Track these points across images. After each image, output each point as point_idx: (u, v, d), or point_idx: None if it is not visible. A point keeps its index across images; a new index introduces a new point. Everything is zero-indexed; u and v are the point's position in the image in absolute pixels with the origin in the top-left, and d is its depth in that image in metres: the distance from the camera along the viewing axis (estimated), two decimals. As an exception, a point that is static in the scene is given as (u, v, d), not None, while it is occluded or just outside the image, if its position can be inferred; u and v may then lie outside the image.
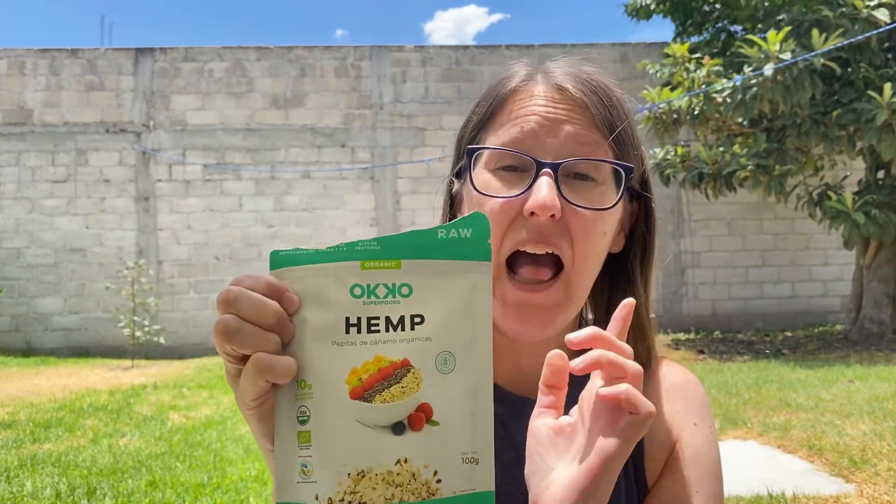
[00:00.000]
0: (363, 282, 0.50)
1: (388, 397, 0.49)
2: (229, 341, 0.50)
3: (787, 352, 8.34)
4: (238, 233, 10.86)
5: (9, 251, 10.59)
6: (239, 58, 11.10)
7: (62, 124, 10.81)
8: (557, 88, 0.72)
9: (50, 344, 10.53)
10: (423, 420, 0.50)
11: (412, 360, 0.50)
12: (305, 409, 0.49)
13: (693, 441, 0.79)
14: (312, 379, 0.49)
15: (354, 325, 0.49)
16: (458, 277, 0.52)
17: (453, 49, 11.46)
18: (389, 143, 11.12)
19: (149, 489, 3.72)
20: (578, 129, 0.70)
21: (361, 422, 0.49)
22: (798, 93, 7.38)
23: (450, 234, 0.52)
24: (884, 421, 4.32)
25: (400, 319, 0.50)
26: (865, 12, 7.51)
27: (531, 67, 0.77)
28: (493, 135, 0.73)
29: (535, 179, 0.68)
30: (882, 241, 8.23)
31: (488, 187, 0.71)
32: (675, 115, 8.36)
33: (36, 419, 5.43)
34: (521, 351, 0.79)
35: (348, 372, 0.49)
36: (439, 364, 0.51)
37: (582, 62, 0.78)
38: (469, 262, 0.52)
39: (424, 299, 0.51)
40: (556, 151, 0.69)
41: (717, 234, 11.31)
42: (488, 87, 0.78)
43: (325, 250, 0.51)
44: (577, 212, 0.69)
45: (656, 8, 10.57)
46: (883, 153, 7.28)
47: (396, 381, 0.49)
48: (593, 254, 0.72)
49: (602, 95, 0.73)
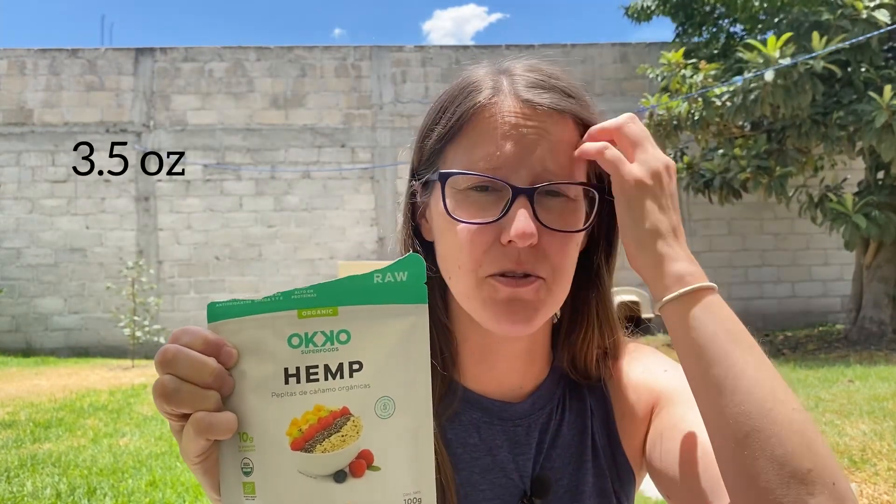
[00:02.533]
0: (301, 330, 0.50)
1: (328, 447, 0.49)
2: (168, 402, 0.50)
3: (787, 352, 8.34)
4: (238, 233, 10.87)
5: (9, 251, 10.59)
6: (239, 58, 11.10)
7: (62, 124, 10.81)
8: (526, 103, 0.70)
9: (50, 344, 10.53)
10: (364, 466, 0.50)
11: (351, 408, 0.50)
12: (249, 460, 0.50)
13: (669, 384, 0.78)
14: (253, 431, 0.50)
15: (293, 376, 0.50)
16: (395, 321, 0.52)
17: (453, 49, 11.47)
18: (389, 143, 11.13)
19: (149, 489, 3.72)
20: (553, 145, 0.70)
21: (303, 472, 0.49)
22: (799, 96, 7.38)
23: (385, 279, 0.52)
24: (884, 421, 4.32)
25: (339, 367, 0.50)
26: (865, 13, 7.51)
27: (496, 76, 0.74)
28: (462, 151, 0.72)
29: (511, 205, 0.68)
30: (882, 242, 8.24)
31: (460, 209, 0.71)
32: (675, 121, 8.36)
33: (36, 419, 5.43)
34: (498, 353, 0.79)
35: (289, 423, 0.49)
36: (378, 409, 0.51)
37: (543, 63, 0.76)
38: (406, 305, 0.53)
39: (362, 345, 0.51)
40: (531, 171, 0.69)
41: (717, 234, 11.31)
42: (451, 94, 0.75)
43: (262, 300, 0.51)
44: (553, 234, 0.70)
45: (656, 9, 10.57)
46: (883, 154, 7.28)
47: (336, 430, 0.50)
48: (569, 267, 0.73)
49: (575, 96, 0.73)
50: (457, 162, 0.72)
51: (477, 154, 0.70)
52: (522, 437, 0.79)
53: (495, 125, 0.70)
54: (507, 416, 0.79)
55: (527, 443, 0.79)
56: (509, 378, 0.80)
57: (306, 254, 10.92)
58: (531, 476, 0.78)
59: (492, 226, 0.69)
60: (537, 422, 0.80)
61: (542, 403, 0.81)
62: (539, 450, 0.79)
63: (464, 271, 0.71)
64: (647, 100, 8.50)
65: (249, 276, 10.84)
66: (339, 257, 10.85)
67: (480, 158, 0.69)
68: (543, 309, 0.72)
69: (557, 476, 0.78)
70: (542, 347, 0.82)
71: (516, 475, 0.77)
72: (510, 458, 0.78)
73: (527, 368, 0.81)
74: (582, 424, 0.81)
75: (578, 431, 0.80)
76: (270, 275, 10.82)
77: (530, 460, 0.78)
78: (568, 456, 0.79)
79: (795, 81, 7.33)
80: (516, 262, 0.69)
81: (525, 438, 0.79)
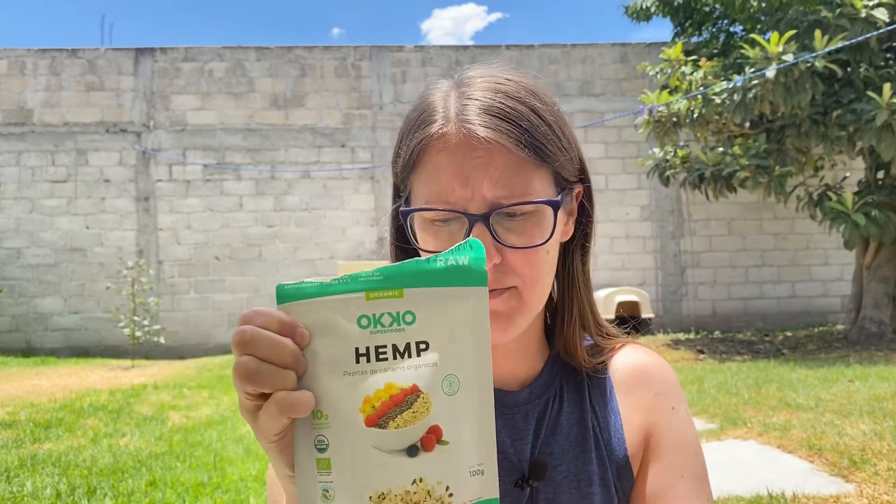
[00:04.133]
0: (369, 312, 0.52)
1: (401, 423, 0.51)
2: (250, 383, 0.51)
3: (787, 352, 8.34)
4: (238, 233, 10.87)
5: (9, 251, 10.59)
6: (239, 58, 11.10)
7: (62, 124, 10.82)
8: (470, 135, 0.72)
9: (50, 344, 10.53)
10: (433, 441, 0.52)
11: (420, 386, 0.52)
12: (323, 437, 0.52)
13: (672, 425, 0.82)
14: (328, 409, 0.52)
15: (364, 355, 0.52)
16: (457, 303, 0.54)
17: (453, 49, 11.47)
18: (389, 143, 11.13)
19: (149, 489, 3.72)
20: (500, 172, 0.72)
21: (378, 447, 0.51)
22: (799, 94, 7.38)
23: (448, 262, 0.54)
24: (884, 421, 4.32)
25: (406, 346, 0.52)
26: (864, 12, 7.51)
27: (447, 100, 0.76)
28: (422, 183, 0.75)
29: (469, 232, 0.72)
30: (882, 241, 8.23)
31: (429, 239, 0.76)
32: (674, 118, 8.36)
33: (36, 419, 5.43)
34: (493, 349, 0.81)
35: (362, 401, 0.51)
36: (445, 387, 0.53)
37: (499, 72, 0.78)
38: (467, 287, 0.55)
39: (427, 326, 0.53)
40: (485, 198, 0.72)
41: (717, 234, 11.31)
42: (409, 120, 0.78)
43: (330, 282, 0.53)
44: (517, 251, 0.73)
45: (656, 9, 10.56)
46: (883, 153, 7.28)
47: (407, 406, 0.52)
48: (542, 274, 0.76)
49: (519, 119, 0.73)
50: (419, 194, 0.76)
51: (433, 187, 0.74)
52: (521, 424, 0.82)
53: (446, 157, 0.73)
54: (504, 403, 0.82)
55: (524, 429, 0.82)
56: (505, 370, 0.83)
57: (306, 254, 10.92)
58: (528, 460, 0.80)
59: None
60: (534, 410, 0.83)
61: (539, 393, 0.84)
62: (537, 436, 0.82)
63: None
64: (646, 96, 8.50)
65: (249, 276, 10.84)
66: (339, 257, 10.85)
67: (437, 191, 0.73)
68: (517, 316, 0.75)
69: (557, 462, 0.81)
70: (535, 340, 0.86)
71: (515, 459, 0.80)
72: (508, 444, 0.80)
73: (521, 361, 0.85)
74: (581, 414, 0.84)
75: (577, 421, 0.83)
76: (270, 275, 10.82)
77: (528, 445, 0.81)
78: (568, 444, 0.82)
79: (796, 80, 7.33)
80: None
81: (523, 425, 0.82)
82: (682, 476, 0.79)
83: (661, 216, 11.29)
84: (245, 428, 5.17)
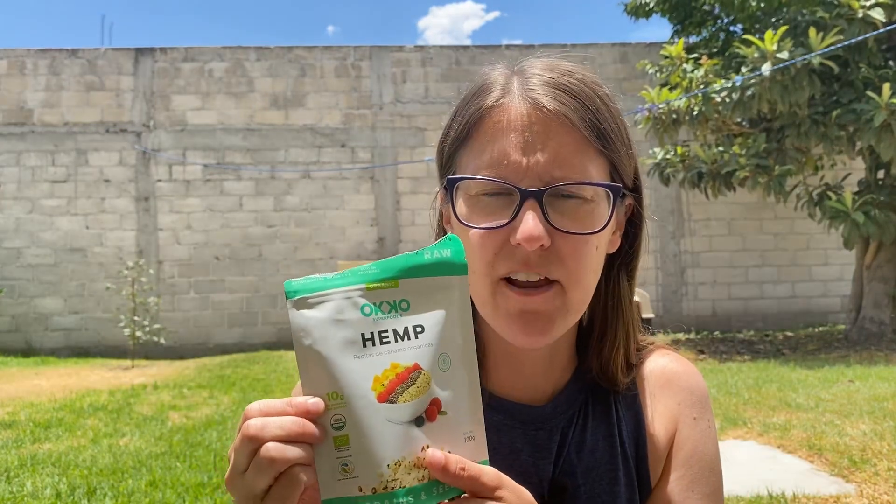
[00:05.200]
0: (370, 301, 0.59)
1: (408, 397, 0.57)
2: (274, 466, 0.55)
3: (787, 352, 8.34)
4: (238, 233, 10.87)
5: (9, 251, 10.59)
6: (239, 58, 11.10)
7: (62, 124, 10.81)
8: (535, 105, 0.69)
9: (50, 344, 10.53)
10: (435, 412, 0.59)
11: (421, 364, 0.58)
12: (340, 416, 0.57)
13: (692, 436, 0.79)
14: (343, 390, 0.57)
15: (370, 340, 0.58)
16: (444, 291, 0.61)
17: (453, 49, 11.47)
18: (389, 143, 11.13)
19: (149, 489, 3.72)
20: (561, 147, 0.68)
21: (391, 420, 0.57)
22: (796, 92, 7.38)
23: (434, 255, 0.61)
24: (884, 421, 4.32)
25: (405, 330, 0.59)
26: (861, 13, 7.52)
27: (507, 78, 0.73)
28: (472, 155, 0.72)
29: (520, 208, 0.67)
30: (882, 241, 8.23)
31: (471, 216, 0.71)
32: (674, 116, 8.36)
33: (36, 419, 5.43)
34: (519, 357, 0.79)
35: (372, 380, 0.57)
36: (440, 364, 0.59)
37: (562, 61, 0.75)
38: (451, 277, 0.62)
39: (421, 311, 0.60)
40: (540, 174, 0.68)
41: (717, 234, 11.31)
42: (465, 96, 0.75)
43: (333, 277, 0.59)
44: (567, 236, 0.68)
45: (655, 7, 10.56)
46: (882, 153, 7.29)
47: (412, 382, 0.58)
48: (588, 270, 0.71)
49: (585, 99, 0.70)
50: (468, 166, 0.72)
51: (485, 158, 0.70)
52: (544, 442, 0.78)
53: (502, 128, 0.69)
54: (528, 419, 0.79)
55: (548, 447, 0.78)
56: (531, 382, 0.80)
57: (306, 254, 10.92)
58: (550, 479, 0.77)
59: (503, 229, 0.69)
60: (558, 426, 0.79)
61: (564, 408, 0.80)
62: (559, 454, 0.78)
63: (478, 275, 0.71)
64: (647, 93, 8.50)
65: (249, 276, 10.84)
66: (339, 257, 10.85)
67: (489, 162, 0.69)
68: (560, 318, 0.71)
69: (580, 482, 0.77)
70: (564, 352, 0.81)
71: (535, 479, 0.77)
72: (531, 462, 0.77)
73: (548, 373, 0.80)
74: (608, 431, 0.80)
75: (604, 436, 0.79)
76: (270, 275, 10.82)
77: (550, 464, 0.77)
78: (593, 462, 0.78)
79: (793, 77, 7.33)
80: (525, 263, 0.68)
81: (546, 443, 0.78)
82: (692, 491, 0.76)
83: (662, 216, 11.29)
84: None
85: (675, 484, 0.77)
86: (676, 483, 0.77)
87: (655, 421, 0.80)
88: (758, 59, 7.50)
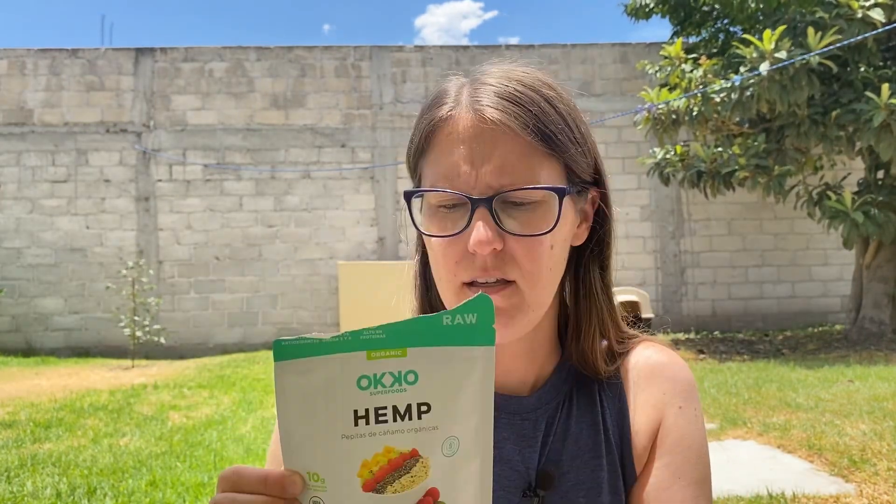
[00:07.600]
0: (369, 372, 0.51)
1: (398, 487, 0.50)
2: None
3: (787, 352, 8.35)
4: (238, 233, 10.87)
5: (9, 251, 10.59)
6: (239, 58, 11.10)
7: (62, 124, 10.82)
8: (479, 117, 0.71)
9: (50, 344, 10.54)
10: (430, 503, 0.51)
11: (420, 450, 0.51)
12: (319, 499, 0.51)
13: (678, 423, 0.80)
14: (324, 472, 0.50)
15: (363, 417, 0.50)
16: (463, 364, 0.53)
17: (453, 49, 11.47)
18: (389, 143, 11.13)
19: (149, 489, 3.72)
20: (507, 156, 0.71)
21: None
22: (795, 92, 7.38)
23: (455, 321, 0.52)
24: (884, 421, 4.32)
25: (407, 408, 0.51)
26: (860, 13, 7.52)
27: (459, 89, 0.76)
28: (430, 167, 0.75)
29: (472, 216, 0.71)
30: (882, 241, 8.24)
31: (433, 225, 0.75)
32: (674, 116, 8.36)
33: (36, 419, 5.43)
34: (502, 352, 0.80)
35: (360, 465, 0.50)
36: (444, 448, 0.52)
37: (515, 67, 0.77)
38: (473, 347, 0.53)
39: (430, 386, 0.52)
40: (490, 183, 0.71)
41: (717, 234, 11.31)
42: (422, 108, 0.79)
43: (330, 340, 0.51)
44: (519, 238, 0.72)
45: (655, 7, 10.57)
46: (881, 153, 7.29)
47: (406, 471, 0.51)
48: (543, 268, 0.73)
49: (530, 105, 0.72)
50: (427, 177, 0.76)
51: (440, 170, 0.73)
52: (529, 432, 0.80)
53: (453, 140, 0.73)
54: (513, 410, 0.80)
55: (533, 436, 0.79)
56: (514, 374, 0.82)
57: (306, 254, 10.92)
58: (536, 468, 0.78)
59: (461, 237, 0.72)
60: (543, 416, 0.81)
61: (549, 398, 0.82)
62: (545, 443, 0.80)
63: (444, 282, 0.76)
64: (646, 93, 8.50)
65: (249, 276, 10.84)
66: (339, 257, 10.85)
67: (444, 174, 0.73)
68: (519, 314, 0.73)
69: (565, 469, 0.78)
70: (545, 343, 0.83)
71: (522, 467, 0.78)
72: (516, 451, 0.79)
73: (529, 365, 0.82)
74: (592, 419, 0.81)
75: (589, 425, 0.81)
76: (270, 275, 10.83)
77: (536, 453, 0.79)
78: (577, 450, 0.79)
79: (792, 77, 7.34)
80: (483, 269, 0.72)
81: (532, 433, 0.80)
82: (679, 478, 0.76)
83: (661, 216, 11.29)
84: (245, 428, 5.17)
85: (662, 471, 0.77)
86: (663, 470, 0.77)
87: (640, 410, 0.81)
88: (756, 59, 7.51)
